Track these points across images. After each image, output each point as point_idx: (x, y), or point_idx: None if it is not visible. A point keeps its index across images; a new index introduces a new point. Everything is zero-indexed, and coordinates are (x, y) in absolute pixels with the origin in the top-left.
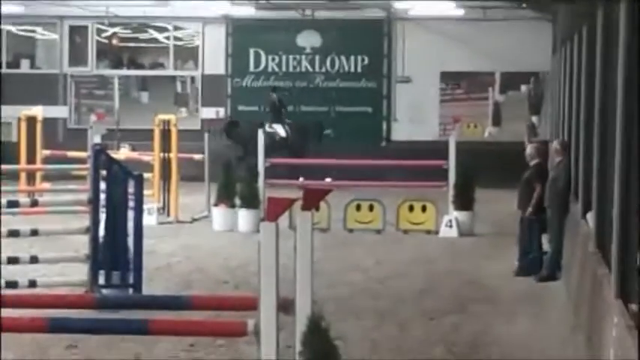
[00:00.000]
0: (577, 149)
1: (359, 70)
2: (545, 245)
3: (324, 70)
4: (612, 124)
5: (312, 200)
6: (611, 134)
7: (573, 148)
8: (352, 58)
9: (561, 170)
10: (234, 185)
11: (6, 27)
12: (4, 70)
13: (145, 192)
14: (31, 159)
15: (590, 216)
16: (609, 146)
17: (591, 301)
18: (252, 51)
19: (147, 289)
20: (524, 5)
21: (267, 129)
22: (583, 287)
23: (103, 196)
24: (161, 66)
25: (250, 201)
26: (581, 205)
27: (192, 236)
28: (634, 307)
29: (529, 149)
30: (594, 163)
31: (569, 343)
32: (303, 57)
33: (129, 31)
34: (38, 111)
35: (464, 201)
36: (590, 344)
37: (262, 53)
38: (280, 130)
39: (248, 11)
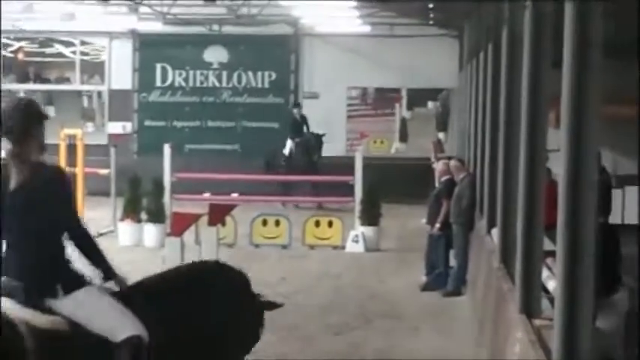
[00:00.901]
0: (482, 165)
1: (266, 85)
2: (452, 261)
3: (231, 85)
4: (517, 140)
5: (218, 215)
6: (515, 150)
7: (479, 164)
8: (259, 73)
9: (465, 186)
10: (140, 200)
11: None
12: None
13: None
14: None
15: (495, 232)
16: (513, 162)
17: (495, 316)
18: (159, 66)
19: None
20: (430, 22)
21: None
22: (487, 302)
23: None
24: (67, 80)
25: (156, 216)
26: (486, 220)
27: None
28: (538, 322)
29: (440, 165)
30: (499, 179)
31: (474, 358)
32: (210, 72)
33: (35, 46)
34: None
35: (370, 216)
36: (493, 358)
37: (169, 68)
38: (285, 149)
39: (155, 26)
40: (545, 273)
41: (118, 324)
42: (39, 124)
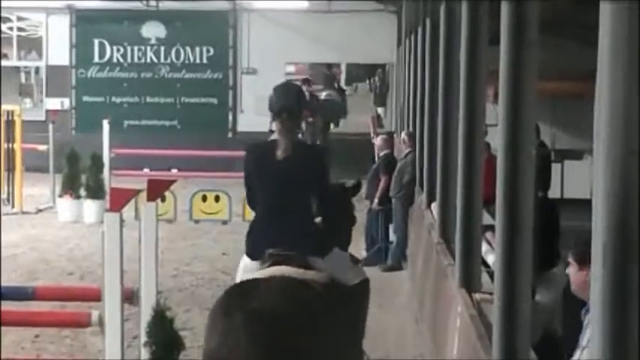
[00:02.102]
0: (421, 140)
1: (204, 61)
2: (392, 236)
3: (169, 61)
4: (455, 115)
5: (157, 191)
6: (454, 125)
7: (418, 139)
8: (197, 49)
9: (408, 162)
10: (79, 176)
11: None
12: None
13: None
14: None
15: (435, 206)
16: (452, 137)
17: (436, 290)
18: (96, 42)
19: None
20: None
21: None
22: (428, 277)
23: None
24: (5, 57)
25: (95, 192)
26: (426, 195)
27: (37, 227)
28: (478, 296)
29: (379, 140)
30: (438, 154)
31: (414, 333)
32: (148, 48)
33: None
34: None
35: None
36: (434, 333)
37: (107, 44)
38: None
39: (92, 2)
40: (484, 247)
41: (352, 274)
42: (300, 106)
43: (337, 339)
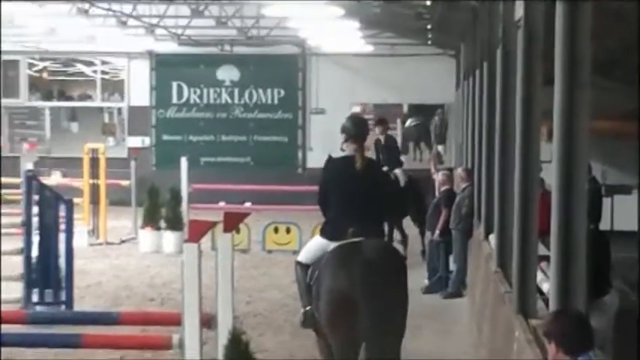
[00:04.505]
0: (479, 175)
1: (275, 102)
2: (452, 265)
3: (242, 102)
4: (511, 152)
5: (232, 223)
6: (510, 161)
7: (476, 174)
8: (269, 91)
9: (466, 195)
10: (159, 209)
11: None
12: None
13: (76, 215)
14: None
15: (492, 237)
16: (509, 172)
17: (493, 317)
18: (175, 84)
19: (78, 306)
20: (428, 42)
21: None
22: (486, 304)
23: (35, 219)
24: (89, 98)
25: (174, 224)
26: (484, 227)
27: (121, 257)
28: (534, 322)
29: (440, 176)
30: (495, 188)
31: (473, 357)
32: (223, 90)
33: (58, 65)
34: None
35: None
36: (492, 358)
37: (184, 86)
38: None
39: (171, 47)
40: (539, 276)
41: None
42: (367, 132)
43: (405, 282)
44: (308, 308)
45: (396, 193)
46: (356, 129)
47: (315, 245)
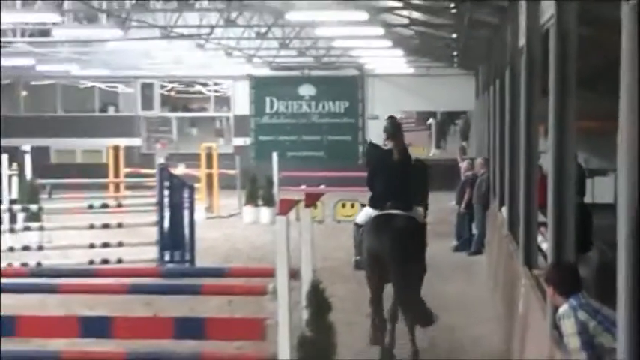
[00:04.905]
0: (494, 163)
1: (342, 111)
2: (474, 230)
3: (317, 111)
4: (518, 145)
5: (311, 200)
6: (517, 153)
7: (492, 162)
8: (337, 102)
9: (484, 178)
10: (257, 191)
11: (97, 84)
12: (97, 114)
13: (196, 197)
14: (116, 174)
15: (504, 209)
16: (516, 161)
17: (506, 268)
18: (267, 98)
19: (199, 263)
20: (455, 65)
21: None
22: (500, 259)
23: (166, 199)
24: (205, 109)
25: (268, 202)
26: (498, 201)
27: (229, 227)
28: (535, 271)
29: (464, 165)
30: (506, 172)
31: (491, 298)
32: (303, 102)
33: (183, 86)
34: (120, 141)
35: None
36: (505, 298)
37: (275, 100)
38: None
39: (264, 71)
40: (539, 238)
41: (422, 219)
42: (400, 132)
43: (423, 245)
44: (358, 257)
45: (419, 179)
46: (393, 130)
47: (365, 212)
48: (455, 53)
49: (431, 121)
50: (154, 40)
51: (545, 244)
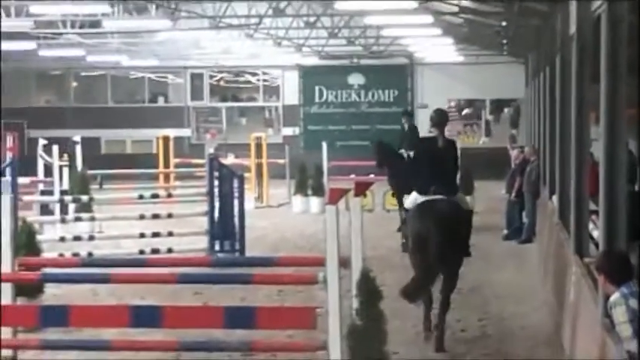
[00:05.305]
0: (544, 151)
1: (391, 99)
2: (524, 218)
3: (367, 100)
4: (568, 133)
5: (361, 189)
6: (567, 140)
7: (542, 150)
8: (386, 91)
9: (534, 166)
10: (307, 180)
11: (147, 75)
12: (147, 104)
13: (245, 186)
14: (166, 165)
15: (555, 198)
16: (566, 149)
17: (556, 257)
18: (317, 88)
19: (249, 253)
20: (504, 53)
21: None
22: (550, 247)
23: (216, 189)
24: (254, 99)
25: (318, 191)
26: (548, 190)
27: (279, 216)
28: (586, 260)
29: (515, 152)
30: (556, 160)
31: (541, 287)
32: (353, 91)
33: (231, 76)
34: (170, 132)
35: (467, 188)
36: (556, 287)
37: (324, 89)
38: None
39: (313, 60)
40: (590, 226)
41: (467, 205)
42: (447, 120)
43: (465, 230)
44: (405, 240)
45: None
46: (438, 119)
47: (413, 197)
48: (504, 41)
49: (467, 110)
50: (203, 30)
51: (596, 232)
